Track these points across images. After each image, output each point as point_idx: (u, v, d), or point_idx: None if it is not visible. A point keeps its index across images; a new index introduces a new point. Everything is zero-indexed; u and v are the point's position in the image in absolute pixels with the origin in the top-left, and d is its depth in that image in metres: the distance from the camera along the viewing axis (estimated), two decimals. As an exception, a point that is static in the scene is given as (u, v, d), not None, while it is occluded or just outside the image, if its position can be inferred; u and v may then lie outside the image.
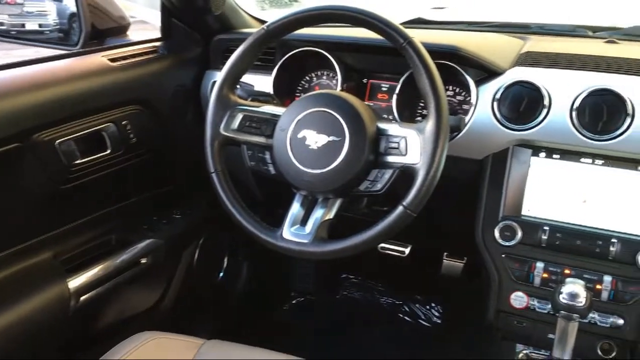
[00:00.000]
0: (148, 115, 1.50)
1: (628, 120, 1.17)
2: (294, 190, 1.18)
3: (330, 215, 1.15)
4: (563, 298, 1.06)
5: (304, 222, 1.15)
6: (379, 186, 1.13)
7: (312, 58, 1.47)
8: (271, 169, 1.22)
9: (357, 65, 1.47)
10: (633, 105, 1.17)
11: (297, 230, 1.15)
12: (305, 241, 1.13)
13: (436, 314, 1.94)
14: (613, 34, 1.60)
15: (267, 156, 1.22)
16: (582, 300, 1.05)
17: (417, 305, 1.97)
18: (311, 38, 1.43)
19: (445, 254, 1.78)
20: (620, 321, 1.21)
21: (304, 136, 1.14)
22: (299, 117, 1.15)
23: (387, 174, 1.12)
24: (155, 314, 1.57)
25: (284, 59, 1.47)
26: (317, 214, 1.15)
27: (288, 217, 1.16)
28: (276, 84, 1.48)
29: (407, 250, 1.86)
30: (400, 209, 1.06)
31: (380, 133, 1.13)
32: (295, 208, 1.17)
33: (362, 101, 1.20)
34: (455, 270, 1.81)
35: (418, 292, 2.01)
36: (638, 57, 1.31)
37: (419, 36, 1.12)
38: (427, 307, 1.96)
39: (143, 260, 1.46)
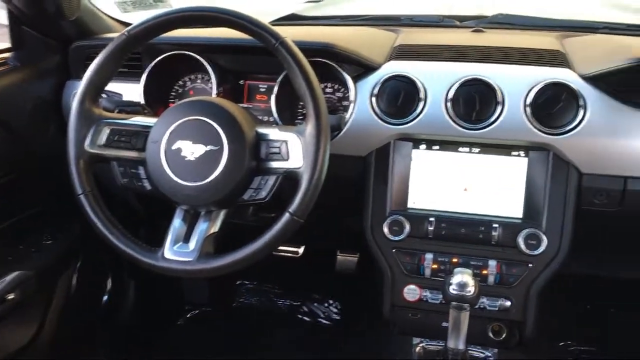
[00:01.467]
0: (3, 135, 1.35)
1: (499, 108, 1.21)
2: (174, 205, 1.11)
3: (215, 228, 1.09)
4: (453, 289, 1.08)
5: (187, 238, 1.08)
6: (263, 194, 1.08)
7: (184, 62, 1.39)
8: (147, 184, 1.13)
9: (231, 66, 1.41)
10: (503, 93, 1.21)
11: (180, 248, 1.07)
12: (190, 259, 1.06)
13: (335, 310, 1.94)
14: (479, 22, 1.65)
15: (141, 171, 1.13)
16: (470, 289, 1.07)
17: (315, 304, 1.96)
18: (180, 41, 1.35)
19: (338, 250, 1.78)
20: (508, 303, 1.25)
21: (179, 147, 1.06)
22: (172, 127, 1.07)
23: (271, 180, 1.08)
24: (31, 352, 1.42)
25: (152, 64, 1.38)
26: (201, 228, 1.08)
27: (169, 234, 1.09)
28: (146, 91, 1.39)
29: (300, 250, 1.84)
30: (286, 216, 1.02)
31: (260, 138, 1.08)
32: (177, 224, 1.10)
33: (238, 106, 1.15)
34: (349, 265, 1.81)
35: (316, 290, 2.00)
36: (504, 45, 1.36)
37: (293, 34, 1.08)
38: (326, 305, 1.95)
39: (10, 296, 1.31)
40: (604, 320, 1.83)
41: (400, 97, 1.25)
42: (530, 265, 1.24)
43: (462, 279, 1.08)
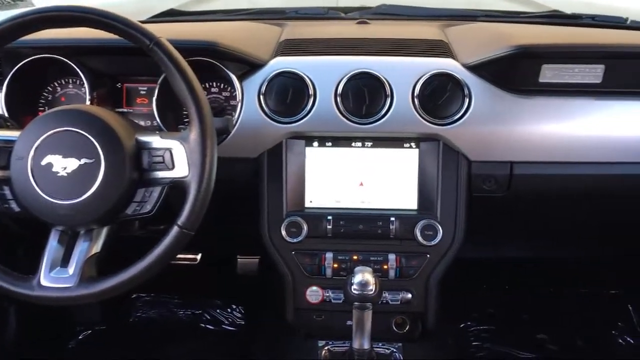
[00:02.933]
0: None
1: (388, 101, 1.20)
2: (49, 226, 1.01)
3: (97, 248, 1.01)
4: (354, 289, 1.06)
5: (65, 262, 0.99)
6: (148, 207, 1.00)
7: (52, 65, 1.27)
8: (14, 206, 1.01)
9: (106, 69, 1.30)
10: (391, 85, 1.20)
11: (58, 273, 0.98)
12: (70, 285, 0.97)
13: (239, 315, 1.87)
14: (363, 14, 1.64)
15: (7, 191, 1.01)
16: (372, 287, 1.05)
17: (218, 310, 1.88)
18: (44, 43, 1.22)
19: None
20: (409, 295, 1.25)
21: (49, 163, 0.96)
22: (39, 141, 0.97)
23: (156, 192, 1.00)
24: None
25: (13, 71, 1.24)
26: (81, 249, 1.00)
27: (44, 259, 0.99)
28: (8, 101, 1.25)
29: (198, 257, 1.76)
30: (175, 229, 0.96)
31: (141, 147, 1.01)
32: (53, 247, 1.00)
33: (114, 112, 1.06)
34: (251, 268, 1.75)
35: (218, 296, 1.93)
36: (389, 37, 1.35)
37: (171, 32, 1.01)
38: (229, 310, 1.88)
39: None
40: (501, 299, 1.90)
41: (289, 95, 1.21)
42: (428, 255, 1.25)
43: (363, 278, 1.06)
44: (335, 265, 1.24)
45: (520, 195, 1.29)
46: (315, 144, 1.25)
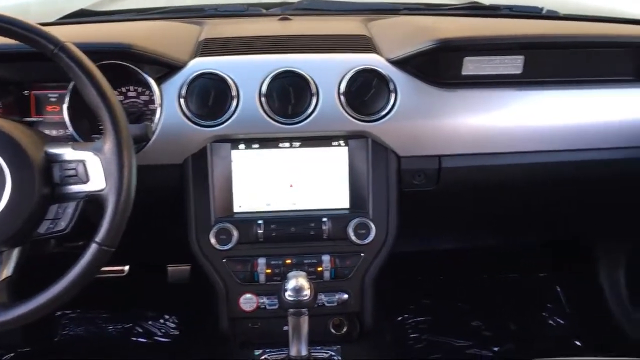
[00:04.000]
0: None
1: (314, 99, 1.17)
2: None
3: (8, 271, 0.93)
4: (289, 295, 1.02)
5: (-28, 288, 0.91)
6: (63, 224, 0.93)
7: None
8: None
9: (10, 76, 1.21)
10: (316, 84, 1.17)
11: (-37, 302, 0.90)
12: (-22, 314, 0.89)
13: (172, 326, 1.81)
14: (285, 9, 1.61)
15: None
16: (306, 292, 1.02)
17: (150, 322, 1.81)
18: None
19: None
20: (345, 296, 1.24)
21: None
22: None
23: (71, 207, 0.94)
24: None
25: None
26: (-11, 273, 0.91)
27: (-54, 287, 0.90)
28: None
29: (126, 268, 1.68)
30: (93, 247, 0.89)
31: (52, 160, 0.94)
32: (-43, 273, 0.91)
33: (18, 124, 0.99)
34: (183, 275, 1.70)
35: (149, 308, 1.85)
36: (312, 33, 1.32)
37: (82, 34, 0.94)
38: (162, 321, 1.82)
39: None
40: (436, 290, 1.92)
41: (211, 97, 1.16)
42: (362, 254, 1.23)
43: (297, 283, 1.03)
44: (269, 271, 1.21)
45: (450, 188, 1.29)
46: (242, 146, 1.21)
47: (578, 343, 1.78)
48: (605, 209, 1.54)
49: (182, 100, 1.16)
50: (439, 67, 1.22)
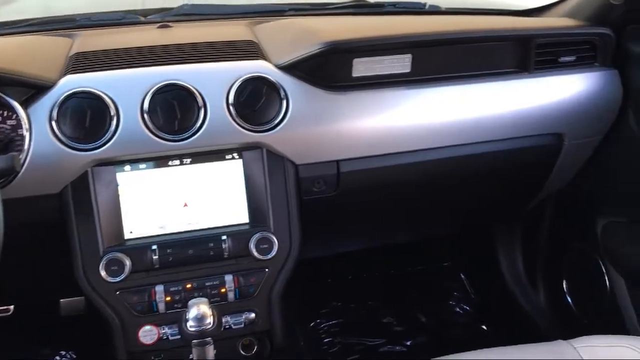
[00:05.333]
0: None
1: (202, 113, 1.10)
2: None
3: None
4: (191, 326, 0.96)
5: None
6: None
7: None
8: None
9: None
10: (202, 96, 1.10)
11: None
12: None
13: (70, 361, 1.68)
14: (165, 16, 1.51)
15: None
16: (209, 320, 0.97)
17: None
18: None
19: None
20: (252, 315, 1.18)
21: None
22: None
23: None
24: None
25: None
26: None
27: None
28: None
29: (11, 308, 1.55)
30: None
31: None
32: None
33: None
34: (77, 306, 1.57)
35: (44, 344, 1.70)
36: (195, 41, 1.25)
37: None
38: (58, 357, 1.67)
39: None
40: (346, 291, 1.91)
41: (87, 117, 1.06)
42: (267, 270, 1.18)
43: (198, 311, 0.96)
44: (168, 299, 1.13)
45: (351, 192, 1.27)
46: (127, 168, 1.12)
47: (485, 328, 1.83)
48: (501, 197, 1.58)
49: (53, 124, 1.05)
50: (329, 70, 1.19)
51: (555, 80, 1.31)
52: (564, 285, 1.65)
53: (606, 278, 1.47)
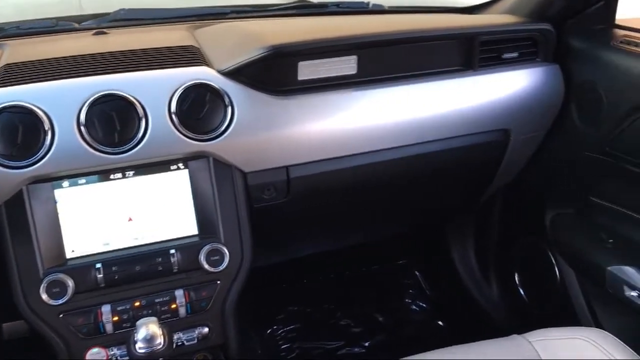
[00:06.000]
0: None
1: (143, 123, 1.05)
2: None
3: None
4: (140, 348, 0.92)
5: None
6: None
7: None
8: None
9: None
10: (143, 105, 1.06)
11: None
12: None
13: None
14: (100, 22, 1.45)
15: None
16: (159, 341, 0.93)
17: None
18: None
19: None
20: (206, 329, 1.15)
21: None
22: None
23: None
24: None
25: None
26: None
27: None
28: None
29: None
30: None
31: None
32: None
33: None
34: (21, 329, 1.49)
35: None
36: (133, 48, 1.20)
37: None
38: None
39: None
40: (302, 295, 1.89)
41: (19, 133, 1.00)
42: (219, 282, 1.14)
43: (148, 331, 0.93)
44: (116, 318, 1.08)
45: (303, 197, 1.25)
46: (66, 184, 1.06)
47: (441, 324, 1.84)
48: (453, 193, 1.59)
49: None
50: (273, 74, 1.16)
51: (500, 77, 1.32)
52: (516, 278, 1.67)
53: (556, 269, 1.50)
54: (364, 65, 1.22)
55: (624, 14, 1.40)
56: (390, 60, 1.26)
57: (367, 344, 1.76)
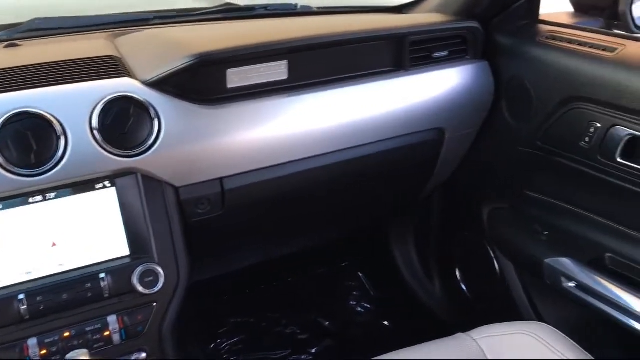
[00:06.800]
0: None
1: (62, 142, 0.98)
2: None
3: None
4: (70, 384, 0.86)
5: None
6: None
7: None
8: None
9: None
10: (61, 123, 0.99)
11: None
12: None
13: None
14: (12, 33, 1.35)
15: None
16: (91, 373, 0.87)
17: None
18: None
19: None
20: (143, 355, 1.09)
21: None
22: None
23: None
24: None
25: None
26: None
27: None
28: None
29: None
30: None
31: None
32: None
33: None
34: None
35: None
36: (48, 61, 1.12)
37: None
38: None
39: None
40: (245, 306, 1.85)
41: None
42: (155, 304, 1.09)
43: (78, 365, 0.86)
44: (44, 352, 1.00)
45: (239, 208, 1.21)
46: (-21, 211, 0.98)
47: (387, 324, 1.84)
48: (392, 194, 1.59)
49: None
50: (201, 83, 1.12)
51: (431, 76, 1.32)
52: (458, 275, 1.69)
53: (496, 264, 1.52)
54: (295, 70, 1.19)
55: (547, 9, 1.43)
56: (322, 63, 1.23)
57: (313, 351, 1.74)
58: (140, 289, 1.06)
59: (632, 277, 1.19)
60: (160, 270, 1.08)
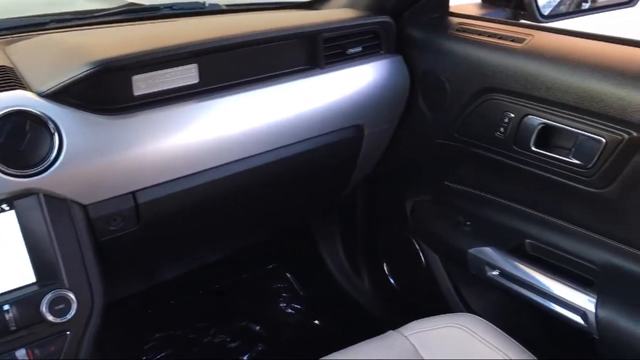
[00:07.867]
0: None
1: None
2: None
3: None
4: None
5: None
6: None
7: None
8: None
9: None
10: None
11: None
12: None
13: None
14: None
15: None
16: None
17: None
18: None
19: None
20: None
21: None
22: None
23: None
24: None
25: None
26: None
27: None
28: None
29: None
30: None
31: None
32: None
33: None
34: None
35: None
36: None
37: None
38: None
39: None
40: (171, 318, 1.78)
41: None
42: (68, 333, 1.01)
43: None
44: None
45: (155, 222, 1.15)
46: None
47: (318, 323, 1.82)
48: (314, 193, 1.56)
49: None
50: (105, 92, 1.04)
51: (347, 72, 1.30)
52: (385, 269, 1.69)
53: (421, 256, 1.53)
54: (205, 73, 1.13)
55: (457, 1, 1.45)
56: (234, 65, 1.18)
57: (245, 358, 1.69)
58: (50, 318, 0.98)
59: (550, 261, 1.22)
60: (71, 295, 1.00)
